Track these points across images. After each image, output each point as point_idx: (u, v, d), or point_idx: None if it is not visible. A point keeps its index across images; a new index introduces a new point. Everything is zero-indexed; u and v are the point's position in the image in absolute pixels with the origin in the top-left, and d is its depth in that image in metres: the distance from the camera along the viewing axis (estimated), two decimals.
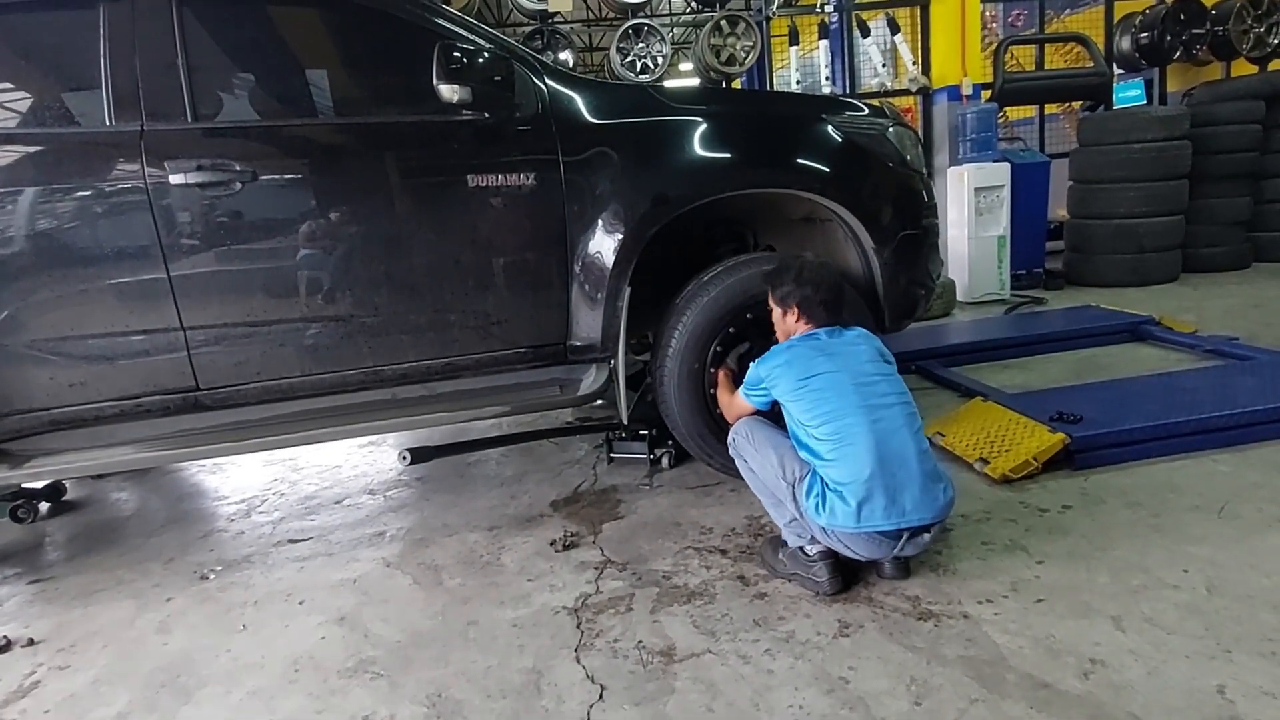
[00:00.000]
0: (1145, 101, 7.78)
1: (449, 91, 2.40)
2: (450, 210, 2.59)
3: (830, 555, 2.13)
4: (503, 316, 2.69)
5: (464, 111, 2.50)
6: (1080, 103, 6.93)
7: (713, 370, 2.72)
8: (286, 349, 2.57)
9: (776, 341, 2.71)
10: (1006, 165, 5.80)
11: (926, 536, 2.07)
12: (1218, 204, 6.10)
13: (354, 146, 2.58)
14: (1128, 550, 2.19)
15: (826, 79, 6.56)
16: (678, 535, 2.57)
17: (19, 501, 3.25)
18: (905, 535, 2.03)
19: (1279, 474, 2.57)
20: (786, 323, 2.36)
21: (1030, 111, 7.61)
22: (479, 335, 2.69)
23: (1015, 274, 6.10)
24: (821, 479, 2.08)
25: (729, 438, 2.41)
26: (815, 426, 2.10)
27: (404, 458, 2.48)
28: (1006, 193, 5.81)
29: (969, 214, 5.80)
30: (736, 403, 2.41)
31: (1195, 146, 5.93)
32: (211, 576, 2.61)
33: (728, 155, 2.75)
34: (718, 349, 2.76)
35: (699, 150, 2.70)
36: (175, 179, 2.39)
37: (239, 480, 3.60)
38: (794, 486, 2.14)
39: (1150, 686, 1.65)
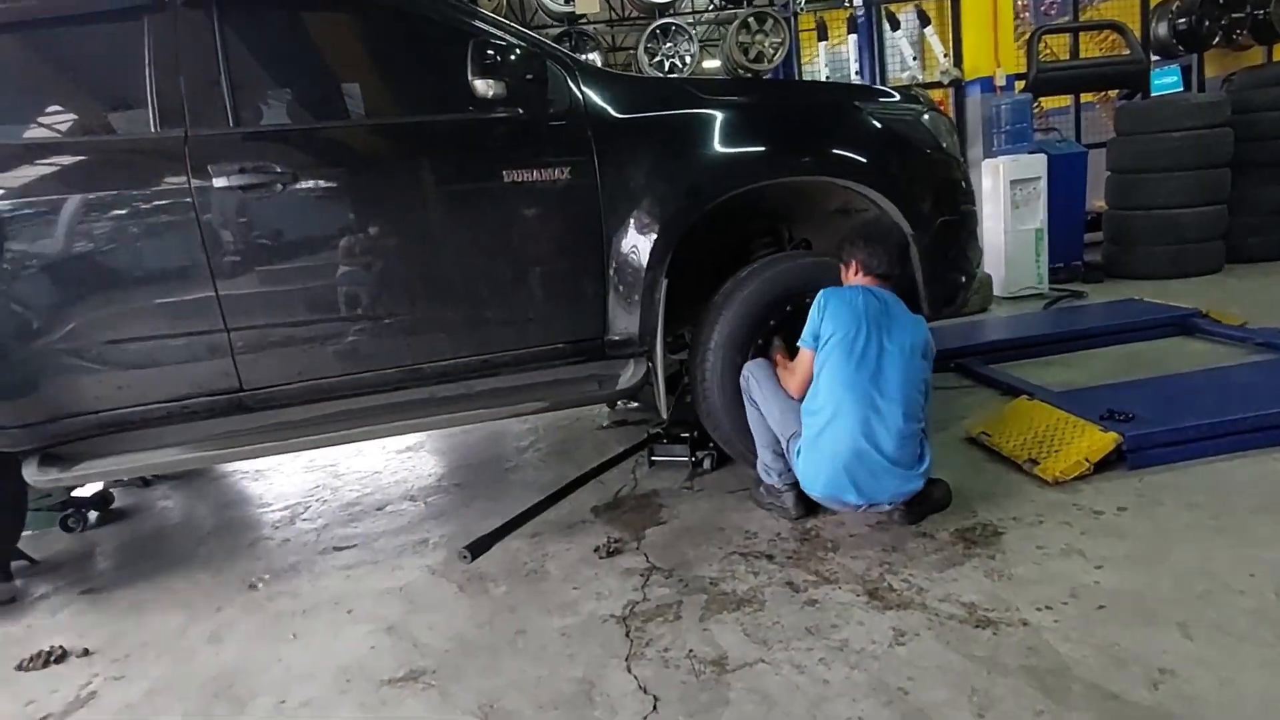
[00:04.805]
0: (1182, 88, 7.65)
1: (484, 86, 2.41)
2: (486, 207, 2.60)
3: (795, 485, 2.55)
4: (539, 312, 2.70)
5: (498, 108, 2.51)
6: (1116, 91, 6.77)
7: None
8: (327, 348, 2.59)
9: None
10: (1043, 157, 5.69)
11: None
12: (1261, 192, 5.92)
13: (391, 146, 2.62)
14: (1190, 554, 2.13)
15: (856, 74, 6.49)
16: (722, 540, 2.54)
17: (68, 510, 3.32)
18: (867, 506, 2.39)
19: None
20: (849, 278, 2.55)
21: (1065, 101, 7.46)
22: (516, 332, 2.69)
23: (1053, 267, 5.97)
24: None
25: (741, 375, 2.65)
26: (813, 399, 2.39)
27: (464, 556, 2.49)
28: (1043, 185, 5.70)
29: (1005, 207, 5.70)
30: (799, 363, 2.51)
31: (1237, 134, 5.76)
32: (260, 586, 2.64)
33: (761, 144, 2.74)
34: (759, 343, 2.75)
35: (732, 141, 2.70)
36: (219, 182, 2.41)
37: (282, 487, 3.64)
38: (787, 442, 2.52)
39: (1223, 698, 1.60)
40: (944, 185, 2.86)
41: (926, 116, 2.85)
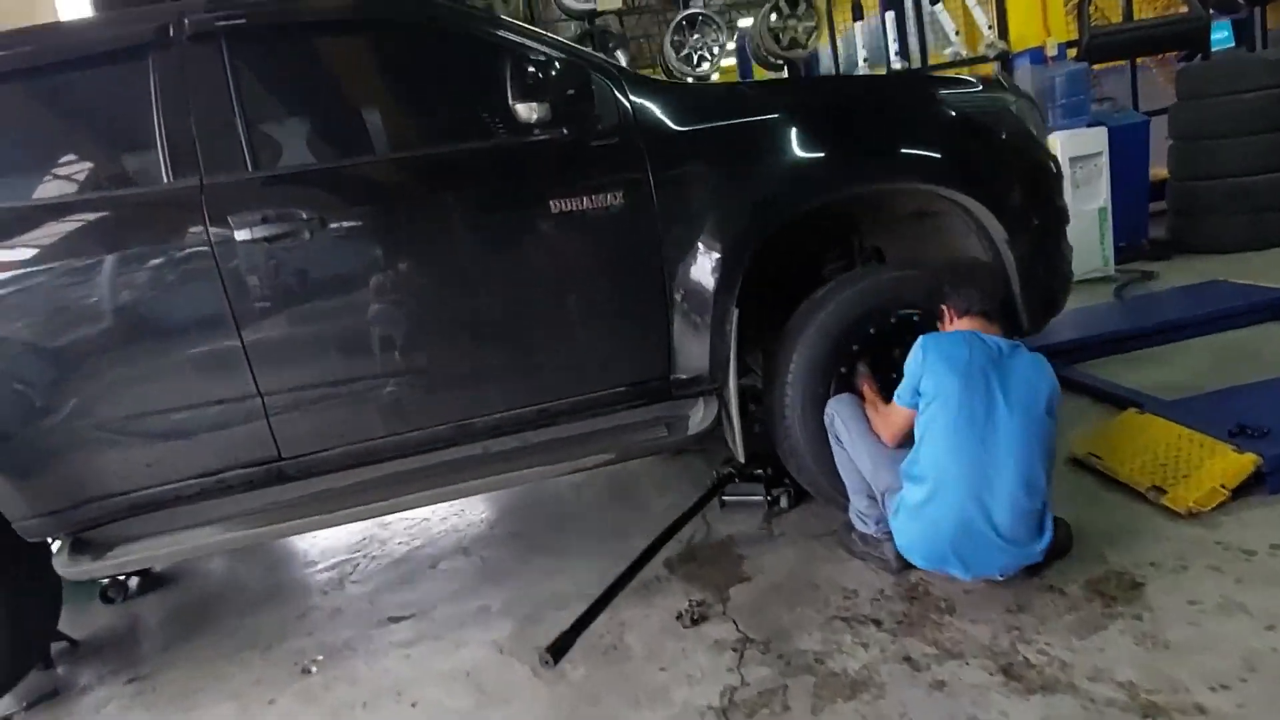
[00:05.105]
0: (1235, 44, 7.18)
1: (526, 111, 2.18)
2: (532, 241, 2.37)
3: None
4: (598, 354, 2.46)
5: (540, 131, 2.25)
6: (1175, 54, 6.35)
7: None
8: (369, 408, 2.37)
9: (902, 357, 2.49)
10: (1103, 130, 5.31)
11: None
12: None
13: (423, 181, 2.37)
14: None
15: (896, 53, 6.12)
16: (818, 601, 2.29)
17: (107, 581, 3.15)
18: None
19: None
20: (948, 325, 2.26)
21: (1118, 62, 7.00)
22: (573, 377, 2.45)
23: (1117, 246, 5.60)
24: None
25: (825, 412, 2.40)
26: (913, 463, 2.10)
27: (546, 662, 2.12)
28: (1105, 160, 5.31)
29: (1066, 187, 5.33)
30: (894, 414, 2.21)
31: None
32: (314, 669, 2.43)
33: (836, 151, 2.46)
34: (842, 371, 2.48)
35: (803, 149, 2.43)
36: (240, 234, 2.19)
37: (327, 541, 3.44)
38: (883, 495, 2.25)
39: None
40: (1038, 182, 2.58)
41: (1014, 105, 2.54)
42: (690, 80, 5.74)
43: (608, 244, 2.35)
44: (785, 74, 6.21)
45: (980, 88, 2.59)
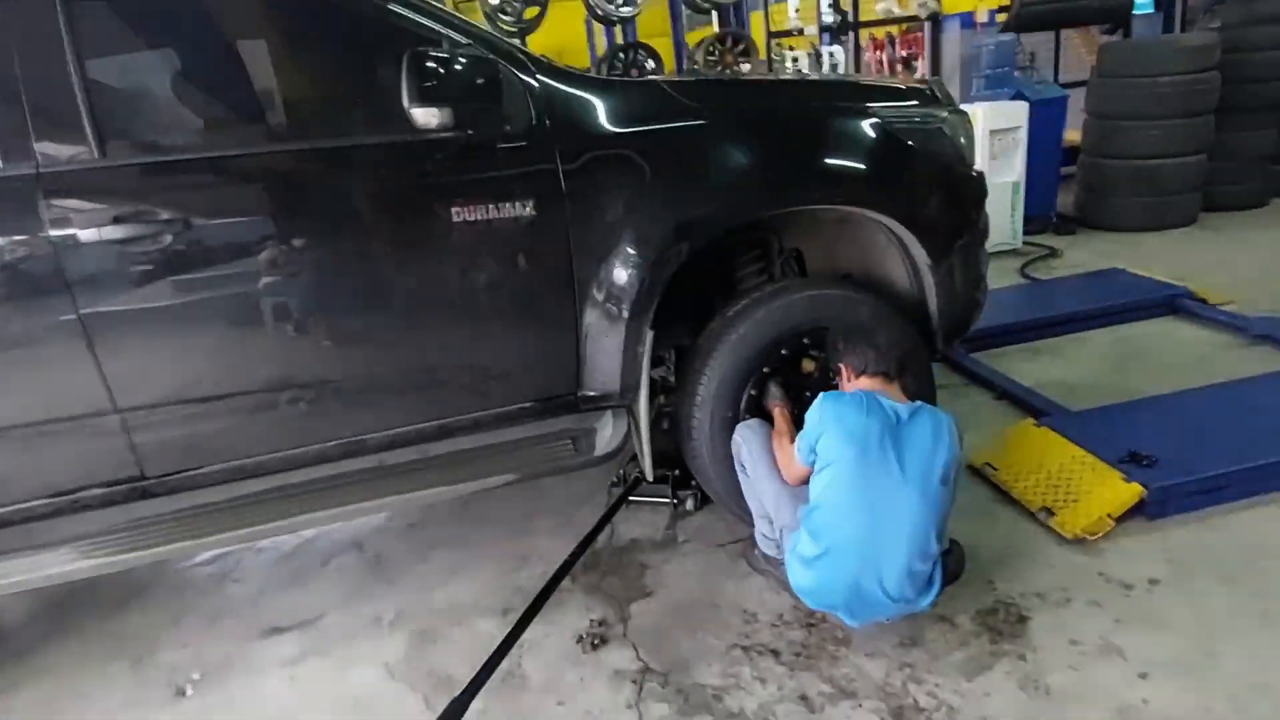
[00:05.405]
0: (1154, 9, 7.27)
1: (424, 116, 1.93)
2: (432, 250, 2.15)
3: None
4: (503, 369, 2.30)
5: (442, 131, 2.00)
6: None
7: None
8: (247, 425, 2.16)
9: (817, 380, 2.47)
10: (1024, 105, 5.31)
11: None
12: (1244, 139, 5.69)
13: (308, 178, 2.08)
14: (1239, 657, 1.95)
15: (829, 5, 5.88)
16: (719, 625, 2.28)
17: None
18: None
19: None
20: (845, 385, 2.21)
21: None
22: (476, 393, 2.30)
23: (1026, 217, 5.70)
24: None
25: (733, 439, 2.33)
26: (809, 517, 2.05)
27: None
28: (1024, 134, 5.34)
29: (982, 160, 5.34)
30: (793, 463, 2.16)
31: (1224, 76, 5.46)
32: (189, 691, 2.28)
33: (767, 169, 2.30)
34: (751, 393, 2.42)
35: (732, 163, 2.27)
36: (87, 235, 1.90)
37: None
38: (781, 531, 2.20)
39: None
40: (965, 205, 2.50)
41: (947, 123, 2.44)
42: (614, 20, 5.37)
43: (515, 255, 2.14)
44: (714, 20, 5.89)
45: (915, 103, 2.46)
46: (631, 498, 2.90)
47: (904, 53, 6.91)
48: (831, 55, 7.32)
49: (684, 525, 2.79)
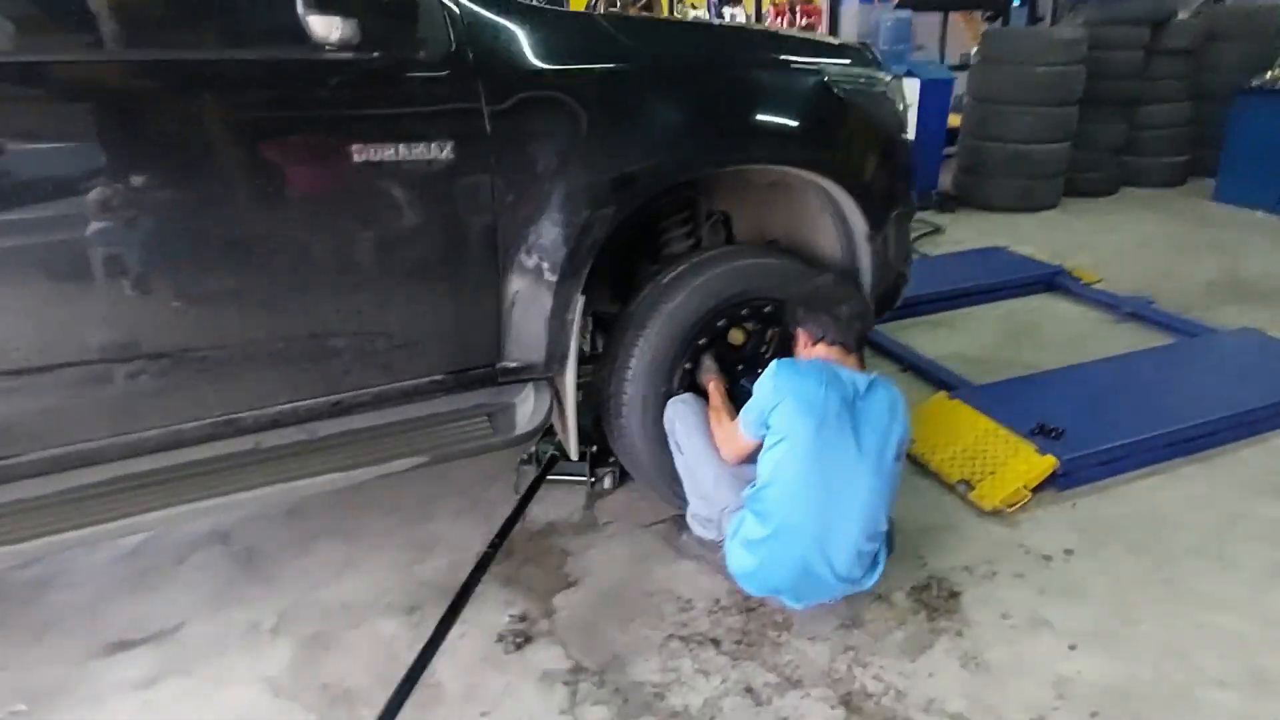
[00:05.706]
0: (1019, 3, 7.68)
1: (324, 26, 1.59)
2: (324, 195, 1.80)
3: None
4: (410, 337, 1.99)
5: (342, 50, 1.67)
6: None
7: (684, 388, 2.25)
8: (83, 402, 1.74)
9: (748, 353, 2.35)
10: (916, 82, 5.42)
11: None
12: (1102, 129, 6.11)
13: (169, 97, 1.66)
14: (1154, 624, 2.02)
15: None
16: (653, 615, 2.12)
17: None
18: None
19: (1253, 497, 2.51)
20: (802, 351, 2.09)
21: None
22: (377, 365, 1.98)
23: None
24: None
25: (666, 414, 2.17)
26: (757, 498, 1.95)
27: None
28: (913, 113, 5.46)
29: None
30: (738, 438, 2.03)
31: (1087, 70, 5.82)
32: None
33: (713, 122, 2.11)
34: (686, 366, 2.26)
35: (674, 114, 2.06)
36: None
37: None
38: (721, 512, 2.09)
39: None
40: (901, 172, 2.43)
41: (890, 86, 2.34)
42: None
43: (427, 208, 1.83)
44: None
45: (860, 65, 2.34)
46: (546, 477, 2.69)
47: (804, 22, 6.93)
48: (734, 18, 7.23)
49: (603, 505, 2.60)
